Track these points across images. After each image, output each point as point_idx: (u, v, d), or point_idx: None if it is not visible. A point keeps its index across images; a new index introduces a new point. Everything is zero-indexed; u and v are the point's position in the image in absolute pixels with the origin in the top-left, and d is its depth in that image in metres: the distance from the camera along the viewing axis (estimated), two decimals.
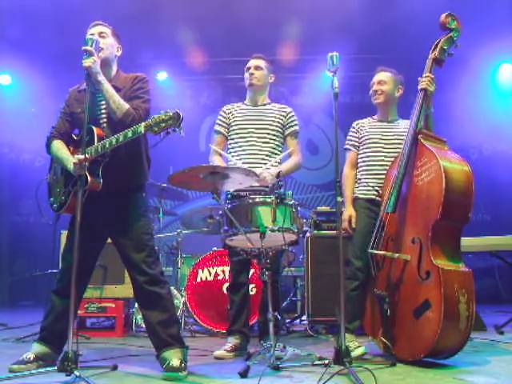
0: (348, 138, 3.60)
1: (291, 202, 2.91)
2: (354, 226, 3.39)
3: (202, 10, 6.08)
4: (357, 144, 3.54)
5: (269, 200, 2.83)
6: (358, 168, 3.53)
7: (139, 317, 4.22)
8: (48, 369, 2.49)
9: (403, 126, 3.45)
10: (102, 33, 2.91)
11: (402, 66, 4.37)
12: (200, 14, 6.15)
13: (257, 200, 2.85)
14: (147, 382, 2.53)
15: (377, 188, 3.38)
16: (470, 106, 6.80)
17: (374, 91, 3.50)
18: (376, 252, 3.10)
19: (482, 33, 5.65)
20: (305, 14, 6.11)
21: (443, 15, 3.21)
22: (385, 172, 3.33)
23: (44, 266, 4.84)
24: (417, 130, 3.11)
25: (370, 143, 3.47)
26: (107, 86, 2.74)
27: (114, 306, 4.22)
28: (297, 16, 6.15)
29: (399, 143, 3.32)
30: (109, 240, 2.92)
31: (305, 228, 3.04)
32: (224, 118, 3.66)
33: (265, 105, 3.67)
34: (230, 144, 3.63)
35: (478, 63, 6.63)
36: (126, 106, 2.74)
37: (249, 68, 3.63)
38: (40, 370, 2.53)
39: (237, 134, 3.57)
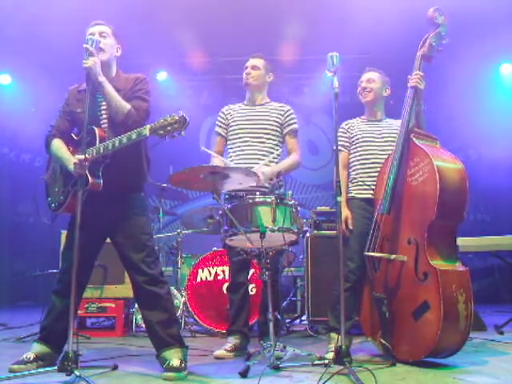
0: (338, 138, 3.58)
1: (291, 202, 2.90)
2: (350, 227, 3.36)
3: (203, 10, 6.08)
4: (347, 144, 3.53)
5: (269, 200, 2.83)
6: (350, 168, 3.52)
7: (139, 317, 4.22)
8: (48, 369, 2.49)
9: (394, 125, 3.45)
10: (102, 32, 2.89)
11: (401, 66, 4.36)
12: (200, 14, 6.15)
13: (257, 200, 2.85)
14: (147, 382, 2.53)
15: (373, 187, 3.36)
16: (469, 107, 6.79)
17: (363, 89, 3.50)
18: (372, 254, 3.09)
19: (482, 33, 5.65)
20: (305, 13, 6.10)
21: (430, 10, 3.17)
22: (379, 170, 3.31)
23: (44, 266, 4.83)
24: (408, 129, 3.09)
25: (362, 142, 3.46)
26: (108, 87, 2.73)
27: (114, 305, 4.21)
28: (297, 16, 6.14)
29: (392, 141, 3.31)
30: (108, 240, 2.91)
31: (305, 228, 3.04)
32: (223, 119, 3.65)
33: (263, 104, 3.64)
34: (228, 145, 3.62)
35: (478, 63, 6.61)
36: (128, 106, 2.73)
37: (246, 67, 3.62)
38: (40, 370, 2.53)
39: (236, 134, 3.56)
